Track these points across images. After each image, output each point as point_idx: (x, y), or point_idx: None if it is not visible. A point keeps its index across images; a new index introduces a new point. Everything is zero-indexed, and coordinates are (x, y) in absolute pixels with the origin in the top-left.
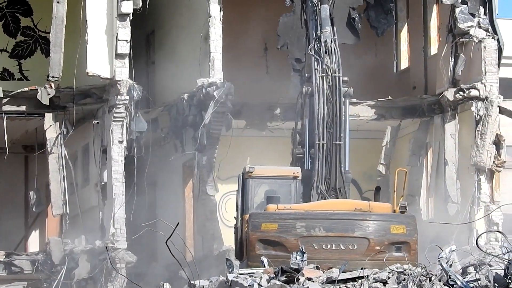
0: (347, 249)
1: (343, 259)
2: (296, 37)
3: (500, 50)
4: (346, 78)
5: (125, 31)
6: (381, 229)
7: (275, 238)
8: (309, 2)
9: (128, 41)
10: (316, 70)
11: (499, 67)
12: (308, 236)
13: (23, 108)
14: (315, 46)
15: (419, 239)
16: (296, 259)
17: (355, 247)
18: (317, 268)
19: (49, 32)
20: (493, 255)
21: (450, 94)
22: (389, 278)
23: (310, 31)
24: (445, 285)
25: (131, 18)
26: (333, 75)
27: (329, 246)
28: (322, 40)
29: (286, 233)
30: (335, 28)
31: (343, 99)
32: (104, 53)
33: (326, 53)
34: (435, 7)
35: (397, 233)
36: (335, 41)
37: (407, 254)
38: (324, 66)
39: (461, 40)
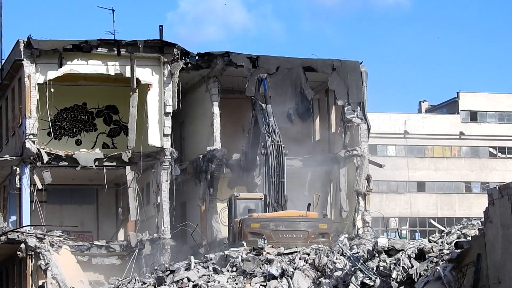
0: (297, 237)
1: (295, 242)
2: None
3: (368, 129)
4: (284, 145)
5: (168, 121)
6: (314, 226)
7: (258, 231)
8: (257, 105)
9: (170, 127)
10: (268, 141)
11: (368, 138)
12: (276, 230)
13: (114, 163)
14: (266, 128)
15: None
16: (261, 242)
17: (301, 236)
18: (272, 247)
19: (127, 123)
20: (366, 239)
21: (342, 153)
22: (311, 251)
23: (260, 121)
24: (341, 255)
25: (171, 114)
26: (277, 144)
27: (287, 236)
28: (270, 125)
29: (264, 228)
30: (274, 118)
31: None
32: (157, 133)
33: (273, 132)
34: (334, 107)
35: (322, 228)
36: (276, 126)
37: (327, 239)
38: (272, 139)
39: (348, 124)
